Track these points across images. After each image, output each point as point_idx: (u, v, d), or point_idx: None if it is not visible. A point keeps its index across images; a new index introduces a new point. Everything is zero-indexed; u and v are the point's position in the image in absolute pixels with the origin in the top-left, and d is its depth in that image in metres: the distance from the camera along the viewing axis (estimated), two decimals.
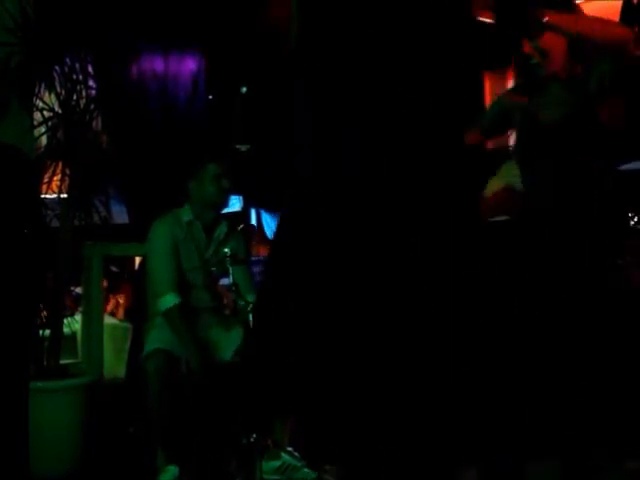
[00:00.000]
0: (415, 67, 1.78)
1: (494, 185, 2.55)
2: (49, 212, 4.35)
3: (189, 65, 5.09)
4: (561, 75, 2.61)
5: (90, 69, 4.49)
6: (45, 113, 4.35)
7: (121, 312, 6.18)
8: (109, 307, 6.26)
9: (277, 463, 3.64)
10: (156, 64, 4.97)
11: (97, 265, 4.52)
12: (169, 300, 3.73)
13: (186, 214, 3.93)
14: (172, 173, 4.43)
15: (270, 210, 7.08)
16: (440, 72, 1.84)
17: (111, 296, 6.16)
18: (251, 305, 3.41)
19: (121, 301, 6.25)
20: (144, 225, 4.04)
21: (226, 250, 3.62)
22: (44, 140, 4.39)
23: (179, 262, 3.85)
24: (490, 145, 3.21)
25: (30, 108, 4.32)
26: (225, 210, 4.17)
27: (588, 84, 2.55)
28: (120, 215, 4.88)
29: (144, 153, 4.82)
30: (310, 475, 3.64)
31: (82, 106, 4.42)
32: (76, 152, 4.35)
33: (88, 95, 4.46)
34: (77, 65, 4.39)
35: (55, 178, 4.37)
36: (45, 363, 4.13)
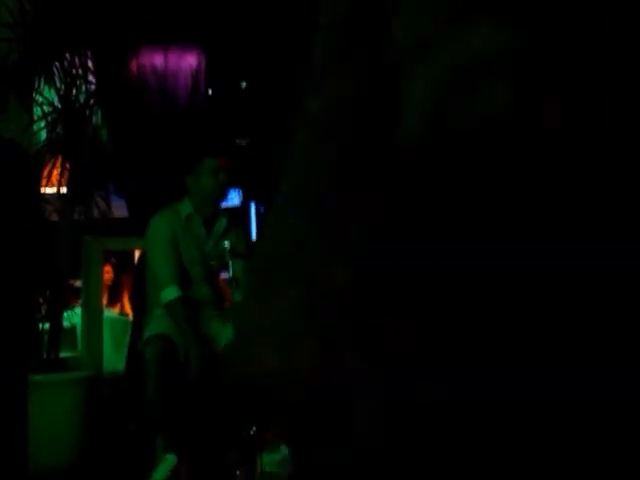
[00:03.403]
0: None
1: None
2: (49, 206, 4.37)
3: (189, 60, 5.09)
4: None
5: (90, 64, 4.50)
6: (45, 108, 4.37)
7: (127, 305, 6.14)
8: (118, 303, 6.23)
9: (277, 456, 3.65)
10: (156, 59, 4.97)
11: (97, 259, 4.53)
12: (171, 293, 3.73)
13: (185, 208, 3.93)
14: (171, 167, 4.44)
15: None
16: None
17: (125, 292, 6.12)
18: None
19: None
20: (144, 219, 4.04)
21: (226, 244, 3.63)
22: (44, 135, 4.41)
23: (179, 256, 3.86)
24: None
25: (30, 103, 4.35)
26: (224, 204, 4.17)
27: None
28: (120, 209, 4.89)
29: (143, 147, 4.82)
30: None
31: (82, 101, 4.44)
32: (76, 147, 4.36)
33: (87, 90, 4.48)
34: (76, 60, 4.41)
35: (55, 172, 4.39)
36: (45, 356, 4.14)
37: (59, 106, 4.40)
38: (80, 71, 4.43)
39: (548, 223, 1.60)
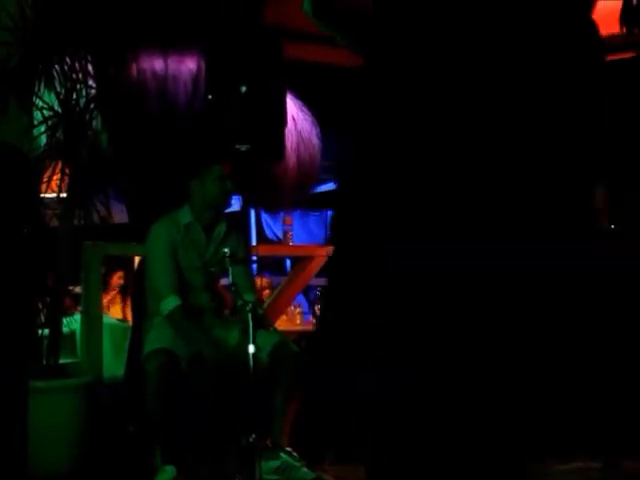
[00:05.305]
0: None
1: None
2: (49, 211, 4.36)
3: (189, 65, 5.08)
4: None
5: (90, 68, 4.49)
6: (45, 112, 4.35)
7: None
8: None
9: (276, 463, 3.64)
10: (156, 64, 4.96)
11: (96, 265, 4.51)
12: (171, 302, 3.73)
13: (185, 216, 3.92)
14: (172, 172, 4.43)
15: (270, 210, 7.08)
16: None
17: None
18: (250, 304, 3.41)
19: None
20: (144, 225, 4.03)
21: (225, 250, 3.63)
22: (44, 139, 4.40)
23: (178, 264, 3.85)
24: None
25: (30, 107, 4.34)
26: (225, 210, 4.17)
27: None
28: (120, 215, 4.88)
29: (143, 152, 4.81)
30: (309, 475, 3.64)
31: (82, 105, 4.42)
32: (76, 151, 4.35)
33: (88, 94, 4.46)
34: (77, 64, 4.39)
35: (55, 177, 4.37)
36: (44, 362, 4.13)
37: (59, 110, 4.39)
38: (80, 75, 4.42)
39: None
